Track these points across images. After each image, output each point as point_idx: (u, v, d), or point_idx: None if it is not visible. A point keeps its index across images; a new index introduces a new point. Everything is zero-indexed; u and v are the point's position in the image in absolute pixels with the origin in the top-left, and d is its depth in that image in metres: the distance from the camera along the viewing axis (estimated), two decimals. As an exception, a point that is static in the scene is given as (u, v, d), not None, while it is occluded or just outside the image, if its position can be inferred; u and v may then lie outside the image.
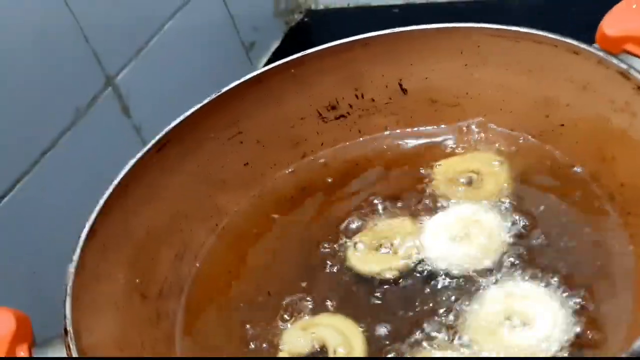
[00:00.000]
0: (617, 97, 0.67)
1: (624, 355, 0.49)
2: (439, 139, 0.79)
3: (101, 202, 0.67)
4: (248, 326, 0.66)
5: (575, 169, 0.71)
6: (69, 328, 0.56)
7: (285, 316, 0.67)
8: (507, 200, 0.70)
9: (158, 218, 0.72)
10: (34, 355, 0.57)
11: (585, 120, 0.71)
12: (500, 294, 0.63)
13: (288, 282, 0.69)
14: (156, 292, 0.69)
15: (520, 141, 0.76)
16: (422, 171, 0.76)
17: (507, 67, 0.75)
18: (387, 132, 0.81)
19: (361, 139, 0.82)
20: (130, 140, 0.96)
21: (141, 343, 0.64)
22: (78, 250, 0.63)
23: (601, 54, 0.67)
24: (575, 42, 0.69)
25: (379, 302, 0.66)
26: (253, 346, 0.65)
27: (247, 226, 0.76)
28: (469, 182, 0.73)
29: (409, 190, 0.75)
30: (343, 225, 0.73)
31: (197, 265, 0.73)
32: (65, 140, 0.87)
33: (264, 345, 0.65)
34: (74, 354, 0.54)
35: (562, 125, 0.73)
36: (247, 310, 0.69)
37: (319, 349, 0.63)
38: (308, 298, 0.68)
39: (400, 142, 0.81)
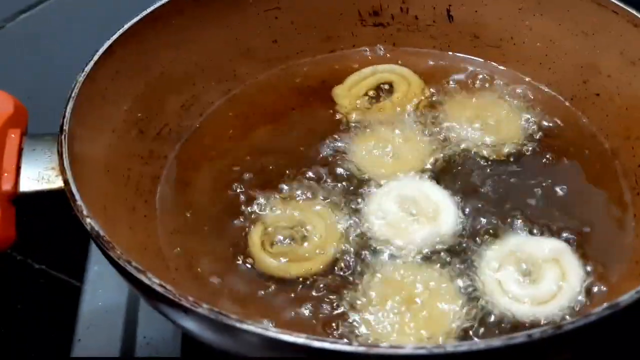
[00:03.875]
0: (662, 81, 0.66)
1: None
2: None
3: (126, 26, 0.65)
4: (232, 190, 0.66)
5: (597, 139, 0.70)
6: (65, 127, 0.54)
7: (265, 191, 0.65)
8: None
9: (177, 65, 0.70)
10: (24, 144, 0.55)
11: (622, 96, 0.70)
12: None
13: (282, 165, 0.67)
14: (154, 132, 0.68)
15: (551, 99, 0.74)
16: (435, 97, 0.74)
17: (561, 23, 0.73)
18: (422, 50, 0.79)
19: (393, 51, 0.79)
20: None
21: (127, 174, 0.63)
22: (91, 63, 0.61)
23: (661, 33, 0.65)
24: (637, 14, 0.67)
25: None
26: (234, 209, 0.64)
27: (259, 101, 0.74)
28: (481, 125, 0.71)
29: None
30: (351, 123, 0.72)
31: (199, 121, 0.71)
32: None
33: (243, 207, 0.64)
34: (65, 152, 0.53)
35: (598, 95, 0.72)
36: (236, 175, 0.67)
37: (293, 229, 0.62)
38: (302, 182, 0.66)
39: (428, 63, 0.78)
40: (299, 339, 0.41)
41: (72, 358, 0.64)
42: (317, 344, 0.41)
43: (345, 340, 0.51)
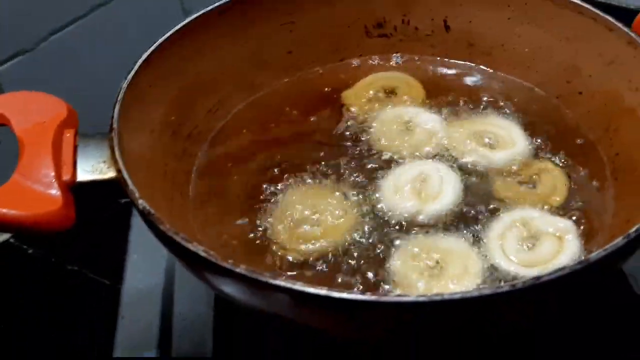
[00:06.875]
0: (635, 78, 0.74)
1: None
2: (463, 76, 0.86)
3: (159, 41, 0.74)
4: (255, 182, 0.74)
5: (581, 131, 0.79)
6: (115, 125, 0.63)
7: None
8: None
9: (204, 74, 0.79)
10: (78, 142, 0.64)
11: (602, 93, 0.78)
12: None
13: (300, 158, 0.76)
14: (186, 133, 0.76)
15: (539, 98, 0.83)
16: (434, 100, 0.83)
17: (546, 30, 0.82)
18: (422, 57, 0.88)
19: (396, 59, 0.88)
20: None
21: (165, 169, 0.71)
22: (133, 72, 0.69)
23: (633, 35, 0.74)
24: (612, 20, 0.76)
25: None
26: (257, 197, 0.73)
27: (276, 105, 0.83)
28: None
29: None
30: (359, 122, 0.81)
31: (224, 123, 0.80)
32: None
33: (266, 196, 0.73)
34: (116, 146, 0.61)
35: (580, 93, 0.80)
36: (258, 169, 0.76)
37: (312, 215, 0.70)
38: (318, 171, 0.75)
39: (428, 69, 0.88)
40: (336, 293, 0.50)
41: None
42: (340, 294, 0.50)
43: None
